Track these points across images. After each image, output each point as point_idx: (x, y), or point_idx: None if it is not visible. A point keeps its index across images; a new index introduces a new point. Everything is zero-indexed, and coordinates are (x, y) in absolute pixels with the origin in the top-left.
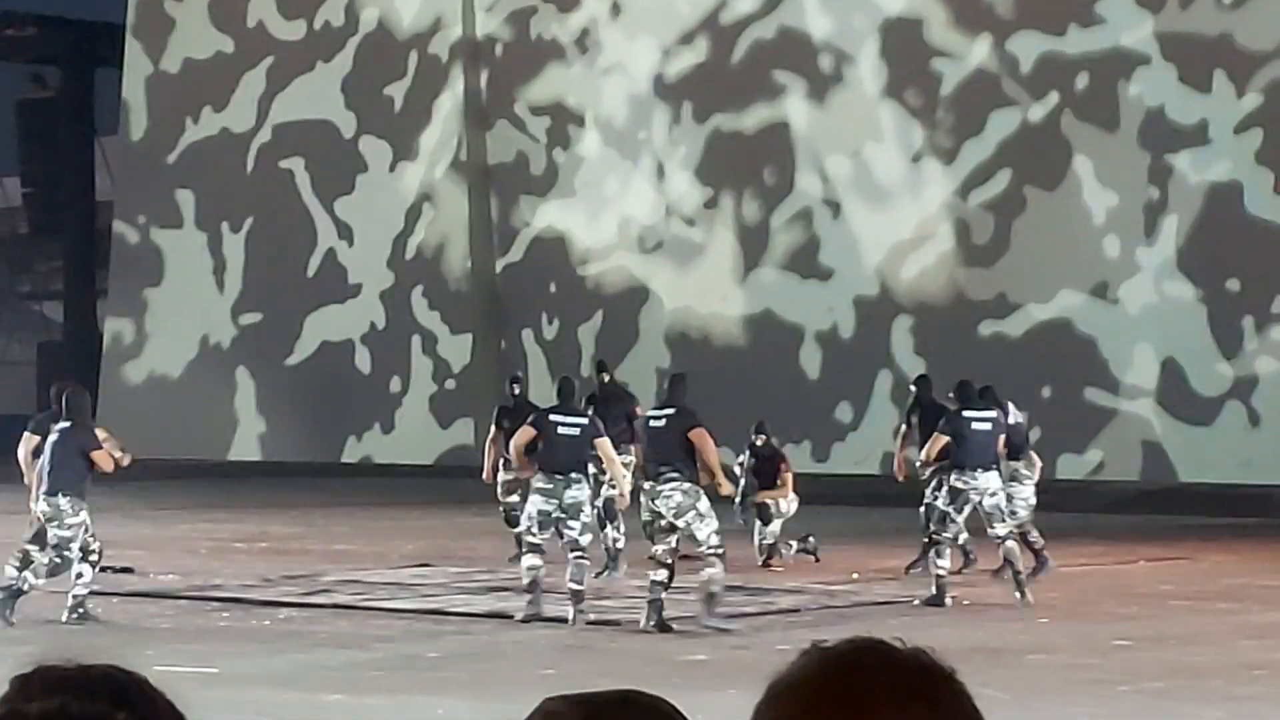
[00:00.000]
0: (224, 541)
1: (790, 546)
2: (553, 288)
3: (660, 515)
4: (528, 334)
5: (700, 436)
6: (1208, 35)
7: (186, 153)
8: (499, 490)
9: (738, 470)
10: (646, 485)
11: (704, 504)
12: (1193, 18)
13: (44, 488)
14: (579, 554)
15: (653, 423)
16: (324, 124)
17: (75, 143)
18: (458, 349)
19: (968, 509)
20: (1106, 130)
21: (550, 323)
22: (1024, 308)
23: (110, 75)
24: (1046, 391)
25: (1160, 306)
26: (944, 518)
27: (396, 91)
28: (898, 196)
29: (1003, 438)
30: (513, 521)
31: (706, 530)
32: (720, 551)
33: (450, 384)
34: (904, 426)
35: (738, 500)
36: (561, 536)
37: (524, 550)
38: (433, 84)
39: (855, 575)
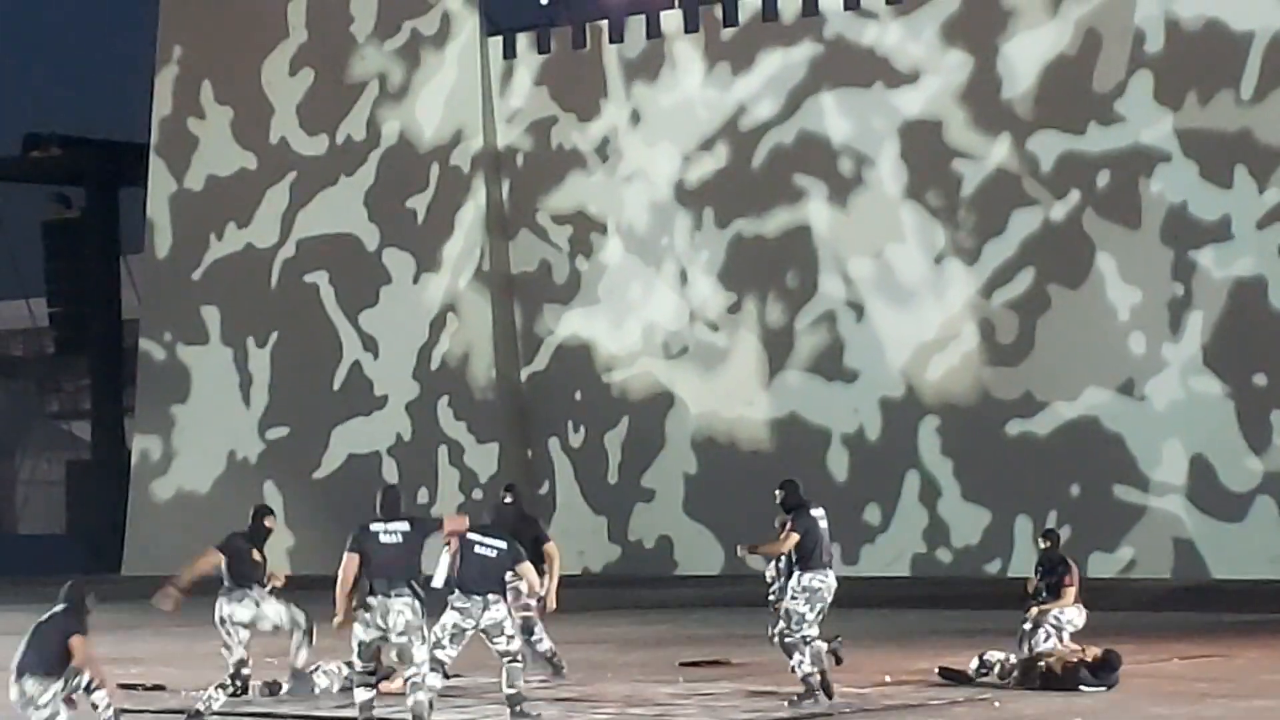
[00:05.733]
0: (255, 656)
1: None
2: (578, 395)
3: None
4: (554, 442)
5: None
6: (1228, 131)
7: (211, 269)
8: None
9: (769, 576)
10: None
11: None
12: (1212, 114)
13: (14, 666)
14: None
15: (480, 549)
16: (347, 237)
17: (101, 262)
18: (484, 459)
19: (820, 607)
20: (1129, 227)
21: (576, 430)
22: (1050, 406)
23: (135, 194)
24: (1075, 489)
25: (1187, 402)
26: (801, 618)
27: (419, 203)
28: (921, 297)
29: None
30: None
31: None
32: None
33: (478, 494)
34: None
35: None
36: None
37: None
38: (455, 195)
39: (887, 678)
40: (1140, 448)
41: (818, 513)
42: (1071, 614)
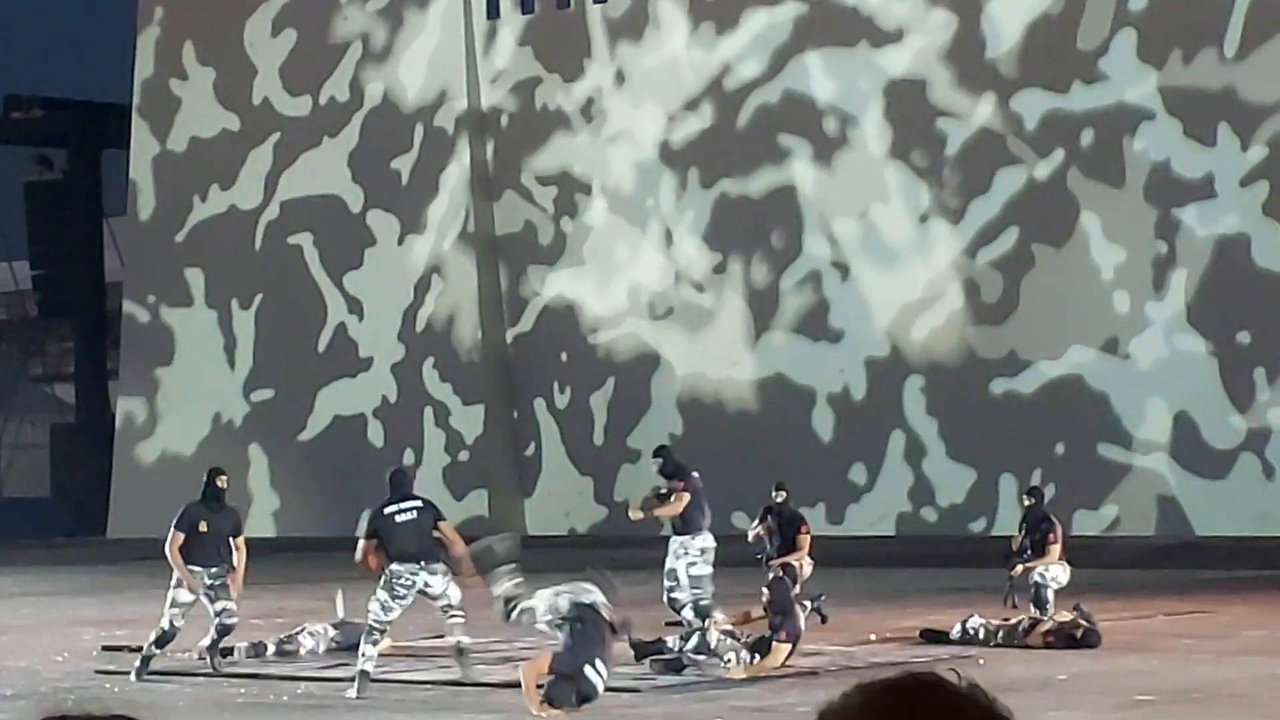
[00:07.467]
0: (241, 618)
1: (805, 607)
2: (564, 357)
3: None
4: (540, 404)
5: (447, 527)
6: (1211, 89)
7: (195, 231)
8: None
9: (751, 536)
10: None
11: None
12: (1196, 72)
13: None
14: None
15: (400, 516)
16: (331, 199)
17: (84, 224)
18: (470, 420)
19: (710, 566)
20: (1113, 186)
21: (562, 392)
22: (1035, 365)
23: (117, 156)
24: (1060, 448)
25: (1171, 361)
26: (708, 580)
27: (403, 164)
28: (906, 257)
29: None
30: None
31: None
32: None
33: (463, 455)
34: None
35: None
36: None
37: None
38: (439, 156)
39: (872, 636)
40: (1124, 406)
41: (697, 476)
42: (1056, 571)
